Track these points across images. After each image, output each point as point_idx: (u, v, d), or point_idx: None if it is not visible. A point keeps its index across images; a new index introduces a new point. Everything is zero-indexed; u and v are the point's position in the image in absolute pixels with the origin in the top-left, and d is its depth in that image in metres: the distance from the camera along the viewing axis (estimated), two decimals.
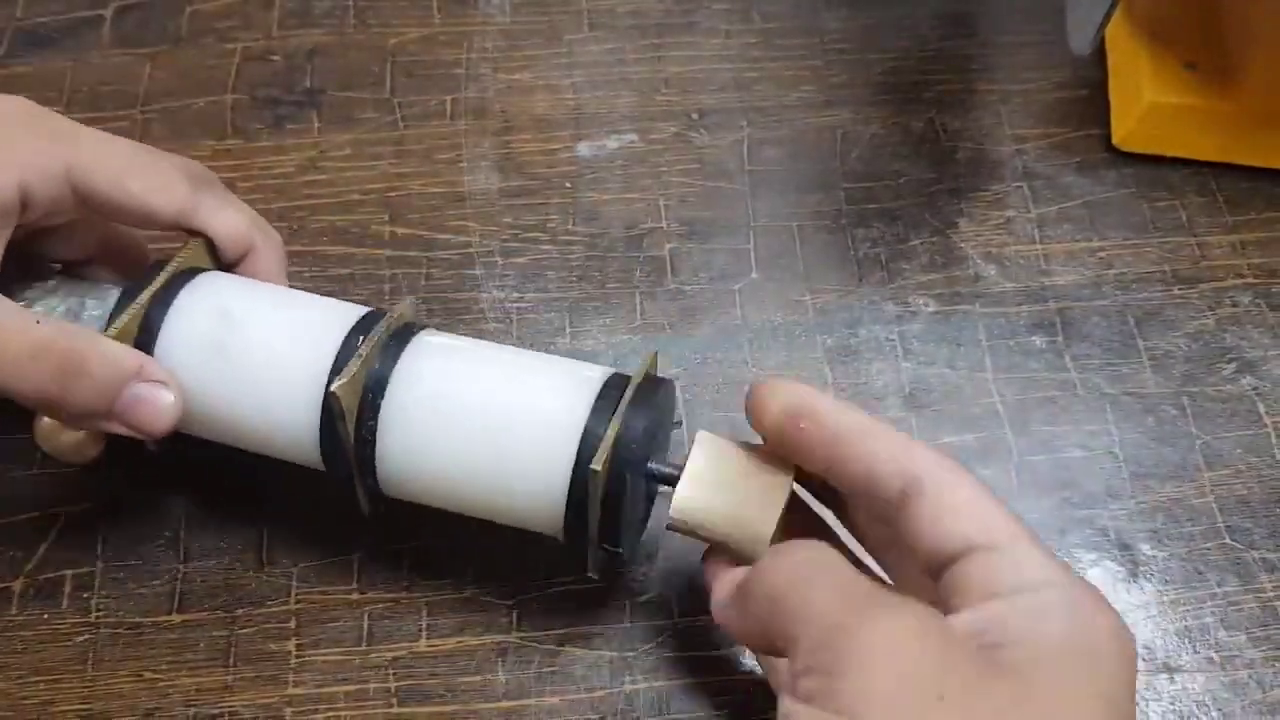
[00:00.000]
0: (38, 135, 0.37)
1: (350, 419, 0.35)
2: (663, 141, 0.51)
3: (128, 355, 0.36)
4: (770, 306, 0.46)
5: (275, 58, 0.53)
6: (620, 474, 0.34)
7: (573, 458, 0.34)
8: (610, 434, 0.33)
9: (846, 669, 0.26)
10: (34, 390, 0.34)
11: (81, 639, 0.39)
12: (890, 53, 0.54)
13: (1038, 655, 0.27)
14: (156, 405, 0.36)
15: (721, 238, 0.48)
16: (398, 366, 0.36)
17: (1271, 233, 0.48)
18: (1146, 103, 0.49)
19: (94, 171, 0.37)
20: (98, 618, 0.40)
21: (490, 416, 0.35)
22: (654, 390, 0.35)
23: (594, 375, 0.36)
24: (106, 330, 0.36)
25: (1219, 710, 0.38)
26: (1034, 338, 0.46)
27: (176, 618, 0.40)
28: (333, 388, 0.34)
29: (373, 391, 0.35)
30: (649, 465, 0.35)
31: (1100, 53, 0.53)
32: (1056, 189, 0.50)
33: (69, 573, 0.40)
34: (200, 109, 0.52)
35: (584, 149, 0.51)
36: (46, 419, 0.38)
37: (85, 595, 0.40)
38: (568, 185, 0.50)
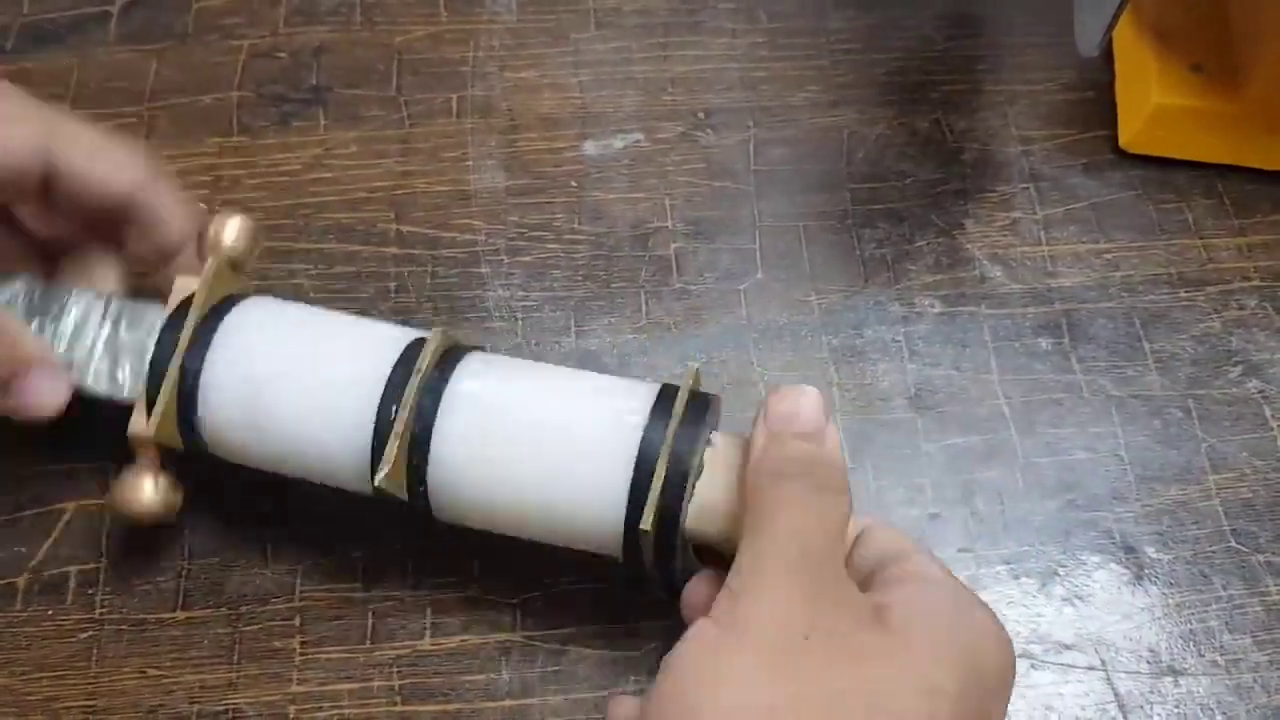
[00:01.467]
0: (12, 109, 0.38)
1: (400, 491, 0.36)
2: (669, 141, 0.51)
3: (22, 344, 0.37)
4: (776, 307, 0.46)
5: (281, 55, 0.53)
6: (670, 526, 0.34)
7: (624, 507, 0.34)
8: (654, 494, 0.34)
9: (746, 594, 0.30)
10: None
11: (86, 635, 0.39)
12: (896, 53, 0.54)
13: (918, 618, 0.30)
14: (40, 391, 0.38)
15: (727, 237, 0.48)
16: (438, 426, 0.35)
17: (1278, 235, 0.48)
18: (1153, 105, 0.49)
19: (65, 149, 0.38)
20: (102, 614, 0.40)
21: (538, 469, 0.35)
22: (700, 415, 0.35)
23: (635, 419, 0.35)
24: (150, 419, 0.37)
25: (1224, 714, 0.38)
26: (1040, 339, 0.46)
27: (181, 615, 0.40)
28: (377, 482, 0.35)
29: (417, 458, 0.35)
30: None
31: (1107, 54, 0.53)
32: (1063, 190, 0.50)
33: (73, 569, 0.40)
34: (206, 106, 0.51)
35: (590, 148, 0.51)
36: (126, 481, 0.38)
37: (90, 592, 0.40)
38: (574, 184, 0.50)
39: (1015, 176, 0.50)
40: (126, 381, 0.38)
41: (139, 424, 0.37)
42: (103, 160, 0.38)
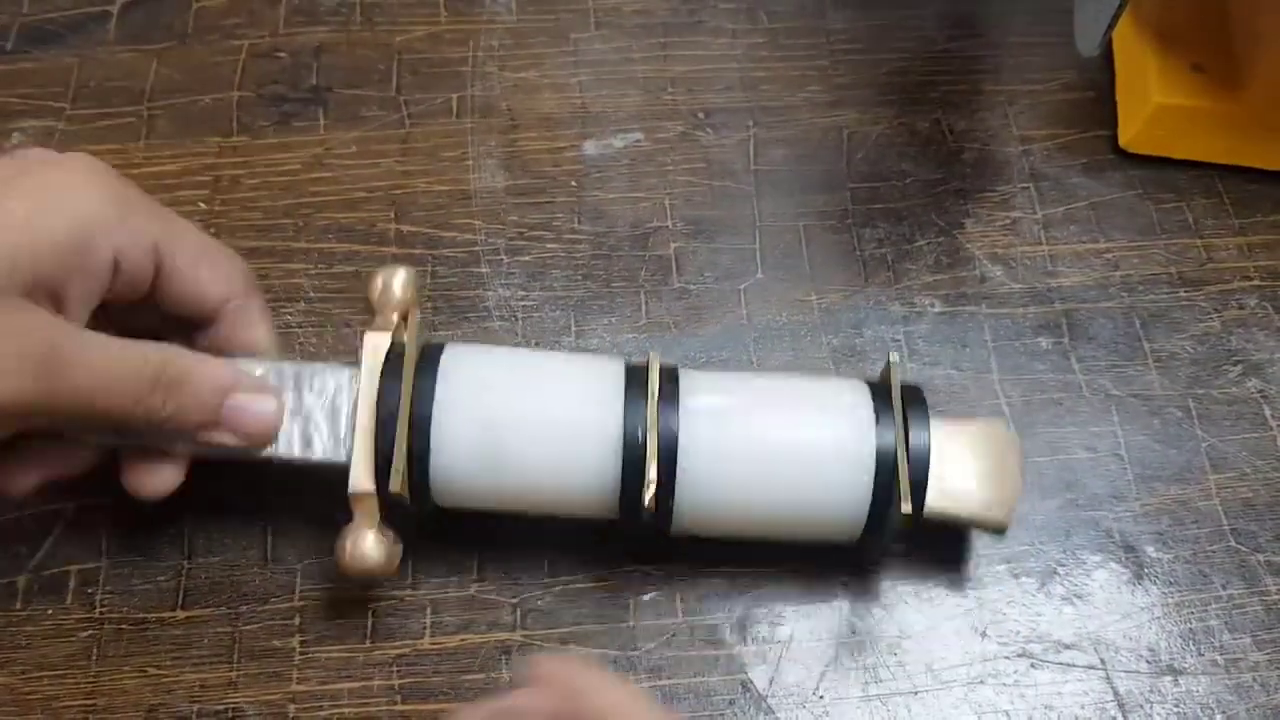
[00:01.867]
0: (130, 202, 0.37)
1: (647, 513, 0.37)
2: (669, 141, 0.51)
3: (223, 369, 0.37)
4: (775, 306, 0.46)
5: (281, 55, 0.53)
6: (919, 494, 0.37)
7: (870, 488, 0.37)
8: (903, 475, 0.36)
9: None
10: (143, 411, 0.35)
11: (86, 634, 0.39)
12: (897, 53, 0.54)
13: None
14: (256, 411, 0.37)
15: (727, 237, 0.48)
16: (682, 444, 0.36)
17: (1278, 235, 0.48)
18: (1153, 104, 0.49)
19: (176, 249, 0.37)
20: (102, 613, 0.40)
21: (786, 475, 0.37)
22: (919, 402, 0.38)
23: (862, 402, 0.38)
24: (377, 475, 0.37)
25: (1223, 713, 0.38)
26: (1040, 339, 0.46)
27: (181, 614, 0.40)
28: (647, 501, 0.36)
29: (665, 476, 0.36)
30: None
31: (1107, 54, 0.53)
32: (1063, 190, 0.50)
33: (73, 568, 0.40)
34: (206, 105, 0.52)
35: (590, 148, 0.51)
36: (349, 539, 0.37)
37: (90, 591, 0.40)
38: (574, 184, 0.50)
39: (1015, 176, 0.50)
40: (323, 444, 0.38)
41: (362, 482, 0.37)
42: (206, 267, 0.38)
